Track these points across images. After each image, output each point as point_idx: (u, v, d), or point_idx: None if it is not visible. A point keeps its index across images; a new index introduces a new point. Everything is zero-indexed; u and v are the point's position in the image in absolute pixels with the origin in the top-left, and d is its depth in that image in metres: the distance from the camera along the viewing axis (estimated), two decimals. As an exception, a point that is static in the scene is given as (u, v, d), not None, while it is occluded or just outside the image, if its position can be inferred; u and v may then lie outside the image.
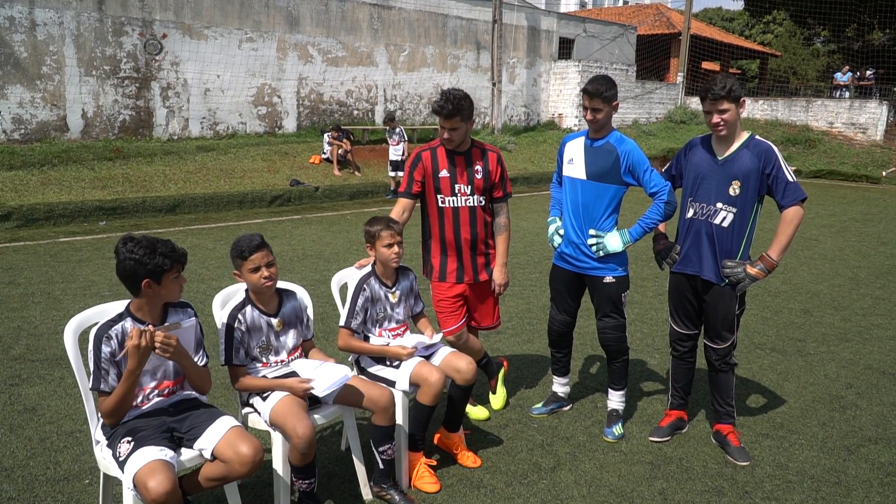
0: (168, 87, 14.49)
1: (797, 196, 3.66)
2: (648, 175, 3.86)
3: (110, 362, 2.66)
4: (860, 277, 8.33)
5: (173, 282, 2.77)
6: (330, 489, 3.45)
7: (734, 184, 3.71)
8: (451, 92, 3.77)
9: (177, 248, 2.76)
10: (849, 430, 4.24)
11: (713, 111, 3.63)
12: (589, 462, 3.78)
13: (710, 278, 3.81)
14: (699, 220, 3.81)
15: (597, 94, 3.79)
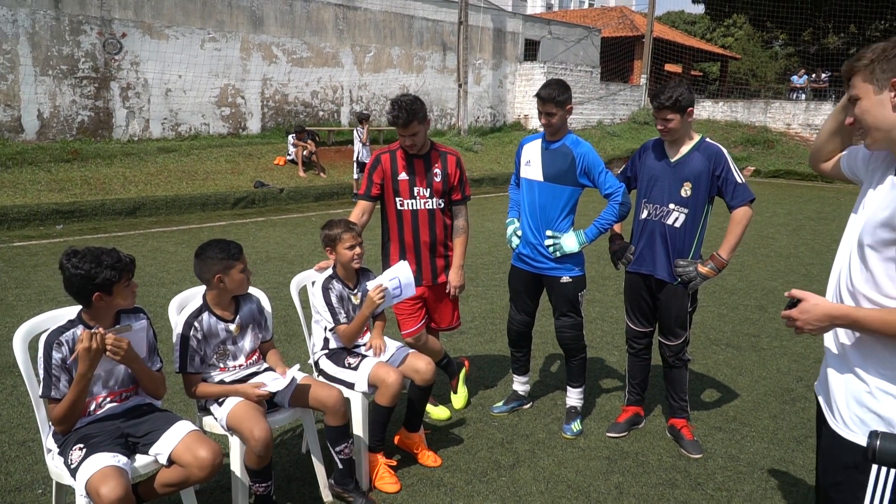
0: (128, 87, 14.27)
1: (746, 197, 3.76)
2: (603, 177, 3.93)
3: (61, 369, 2.64)
4: (813, 274, 8.55)
5: (124, 290, 2.74)
6: (290, 492, 3.46)
7: (685, 185, 3.80)
8: (400, 100, 3.79)
9: (123, 258, 2.73)
10: (798, 422, 4.36)
11: (659, 118, 3.75)
12: (547, 458, 3.84)
13: (663, 277, 3.90)
14: (653, 220, 3.90)
15: (549, 99, 3.86)
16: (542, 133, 4.07)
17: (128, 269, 2.74)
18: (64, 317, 2.78)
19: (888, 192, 1.93)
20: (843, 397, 2.03)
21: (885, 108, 1.89)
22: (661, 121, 3.74)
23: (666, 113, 3.70)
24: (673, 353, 4.02)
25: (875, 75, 1.90)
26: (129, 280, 2.76)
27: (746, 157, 22.49)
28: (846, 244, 2.07)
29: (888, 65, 1.87)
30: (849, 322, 1.93)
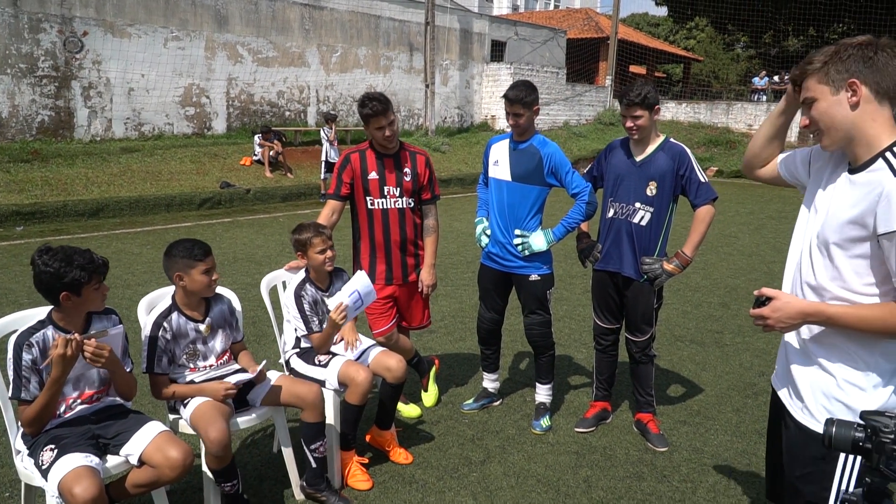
0: (90, 86, 14.03)
1: (709, 196, 3.86)
2: (570, 176, 4.00)
3: (31, 370, 2.61)
4: (774, 272, 8.75)
5: (94, 293, 2.72)
6: (262, 491, 3.46)
7: (651, 184, 3.87)
8: (371, 94, 3.84)
9: (96, 259, 2.70)
10: (760, 415, 4.48)
11: (628, 116, 3.80)
12: (517, 454, 3.90)
13: (630, 275, 3.97)
14: (619, 219, 3.97)
15: (517, 100, 3.91)
16: (510, 133, 4.13)
17: (99, 271, 2.71)
18: (33, 317, 2.75)
19: (848, 190, 1.97)
20: (810, 390, 2.08)
21: (843, 107, 1.93)
22: (630, 118, 3.79)
23: (635, 110, 3.76)
24: (640, 349, 4.10)
25: (830, 76, 1.94)
26: (100, 282, 2.74)
27: (709, 157, 22.88)
28: (801, 241, 2.12)
29: (843, 65, 1.91)
30: (822, 319, 1.96)
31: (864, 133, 1.93)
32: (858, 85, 1.90)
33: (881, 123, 1.92)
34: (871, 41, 1.91)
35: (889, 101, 1.92)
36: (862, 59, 1.89)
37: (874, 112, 1.91)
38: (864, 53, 1.90)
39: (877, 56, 1.89)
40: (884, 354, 1.98)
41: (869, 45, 1.90)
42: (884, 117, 1.92)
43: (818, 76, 1.96)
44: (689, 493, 3.54)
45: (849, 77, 1.91)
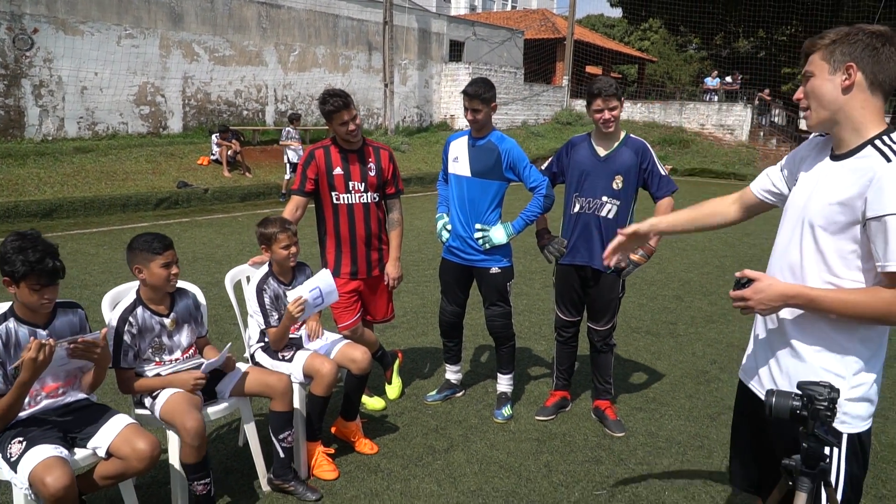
0: (41, 84, 13.72)
1: (670, 188, 4.02)
2: (528, 171, 4.11)
3: None
4: (726, 265, 9.04)
5: (30, 293, 2.63)
6: (228, 484, 3.50)
7: (617, 178, 3.99)
8: (332, 90, 3.90)
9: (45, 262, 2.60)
10: (712, 401, 4.66)
11: (605, 108, 3.88)
12: (480, 442, 4.00)
13: (599, 267, 4.05)
14: (587, 213, 4.05)
15: (476, 96, 4.00)
16: (468, 131, 4.22)
17: (39, 273, 2.60)
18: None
19: (834, 175, 1.98)
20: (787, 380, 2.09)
21: (836, 88, 1.94)
22: (607, 110, 3.88)
23: (613, 101, 3.87)
24: (601, 338, 4.23)
25: (833, 56, 1.94)
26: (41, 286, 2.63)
27: (664, 156, 23.33)
28: (789, 224, 2.12)
29: (847, 48, 1.92)
30: (805, 301, 1.95)
31: (850, 118, 1.95)
32: (855, 70, 1.91)
33: (870, 112, 1.94)
34: (885, 32, 1.91)
35: (882, 93, 1.94)
36: (868, 46, 1.90)
37: (865, 100, 1.93)
38: (872, 42, 1.90)
39: (883, 48, 1.89)
40: (863, 341, 1.98)
41: (880, 35, 1.91)
42: (873, 107, 1.94)
43: (823, 52, 1.97)
44: (645, 475, 3.68)
45: (848, 60, 1.92)
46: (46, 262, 2.62)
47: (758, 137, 24.93)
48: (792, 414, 1.83)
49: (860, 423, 2.01)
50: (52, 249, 2.67)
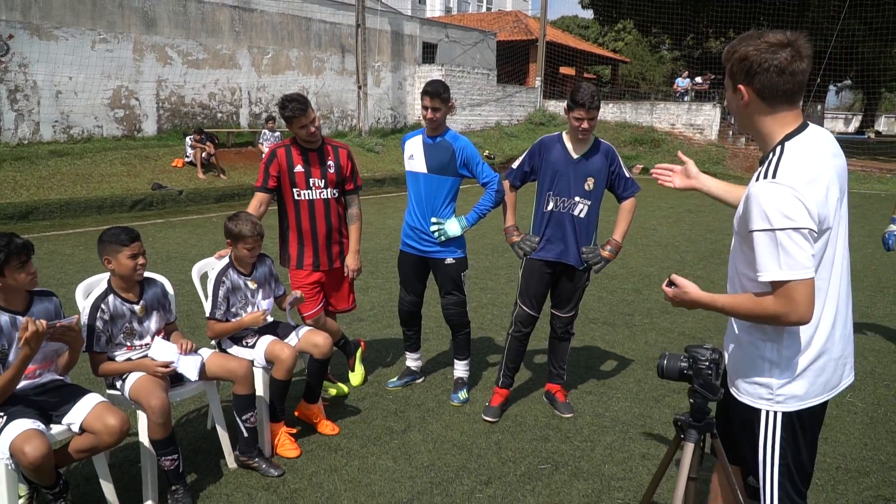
0: (16, 89, 13.79)
1: (635, 189, 4.28)
2: (480, 167, 4.38)
3: None
4: (686, 260, 9.37)
5: (17, 273, 2.89)
6: (197, 463, 3.72)
7: (589, 180, 4.16)
8: (289, 96, 4.13)
9: (14, 241, 2.87)
10: (658, 385, 4.96)
11: (586, 118, 3.99)
12: (436, 423, 4.26)
13: (573, 263, 4.23)
14: (561, 212, 4.19)
15: (436, 94, 4.25)
16: (422, 129, 4.48)
17: (16, 251, 2.87)
18: (-26, 300, 2.96)
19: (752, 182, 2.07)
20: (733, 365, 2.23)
21: (738, 104, 2.10)
22: (587, 120, 4.00)
23: (594, 113, 3.99)
24: (563, 325, 4.45)
25: (733, 76, 2.07)
26: (23, 263, 2.91)
27: (635, 155, 23.78)
28: None
29: (739, 68, 2.03)
30: (712, 308, 2.13)
31: (757, 129, 2.10)
32: (744, 90, 2.05)
33: (770, 121, 2.06)
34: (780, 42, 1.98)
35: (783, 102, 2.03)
36: (755, 65, 1.99)
37: (763, 113, 2.06)
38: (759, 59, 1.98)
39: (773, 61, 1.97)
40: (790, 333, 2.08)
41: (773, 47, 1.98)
42: (774, 118, 2.05)
43: (728, 70, 2.10)
44: (588, 451, 3.96)
45: (739, 82, 2.06)
46: (14, 240, 2.88)
47: (727, 136, 25.47)
48: (680, 374, 2.11)
49: (795, 403, 2.11)
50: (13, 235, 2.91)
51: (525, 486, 3.56)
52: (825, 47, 23.09)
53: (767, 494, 2.16)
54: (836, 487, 3.60)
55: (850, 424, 4.34)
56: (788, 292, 1.92)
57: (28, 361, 2.83)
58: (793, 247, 1.90)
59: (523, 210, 4.55)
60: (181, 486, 3.26)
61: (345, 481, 3.56)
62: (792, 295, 1.92)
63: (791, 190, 1.92)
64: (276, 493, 3.44)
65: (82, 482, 3.47)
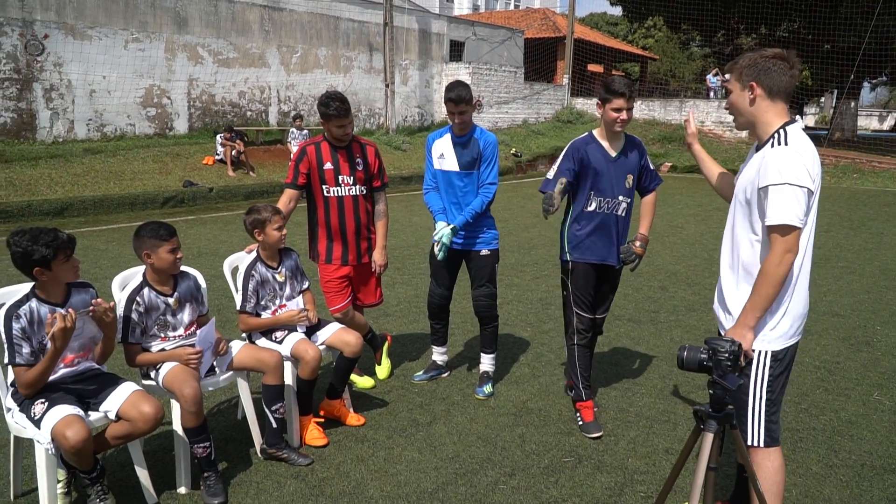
0: (51, 88, 14.13)
1: (658, 181, 4.29)
2: (492, 168, 4.49)
3: (21, 338, 2.95)
4: (714, 258, 9.31)
5: (63, 266, 3.04)
6: (227, 451, 3.83)
7: (629, 177, 4.11)
8: (334, 94, 4.20)
9: (60, 236, 3.01)
10: (683, 381, 4.96)
11: (624, 108, 3.92)
12: (461, 416, 4.32)
13: (613, 263, 4.17)
14: (605, 212, 4.10)
15: (460, 100, 4.31)
16: (448, 128, 4.54)
17: (63, 246, 3.02)
18: (18, 292, 3.08)
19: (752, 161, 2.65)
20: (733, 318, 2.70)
21: (745, 100, 2.64)
22: (626, 111, 3.92)
23: (632, 102, 3.95)
24: (598, 326, 4.44)
25: (742, 76, 2.63)
26: (68, 257, 3.06)
27: (664, 153, 23.59)
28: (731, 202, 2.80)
29: (749, 71, 2.60)
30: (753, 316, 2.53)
31: (760, 120, 2.63)
32: (755, 86, 2.60)
33: (772, 113, 2.61)
34: (777, 54, 2.57)
35: (781, 98, 2.60)
36: (763, 68, 2.57)
37: (767, 105, 2.62)
38: (766, 64, 2.57)
39: (775, 67, 2.56)
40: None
41: (773, 57, 2.57)
42: (775, 109, 2.61)
43: (735, 74, 2.66)
44: (612, 445, 3.99)
45: (750, 80, 2.60)
46: (60, 235, 3.02)
47: (756, 134, 25.14)
48: (699, 365, 2.14)
49: (781, 342, 2.62)
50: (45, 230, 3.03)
51: (548, 479, 3.60)
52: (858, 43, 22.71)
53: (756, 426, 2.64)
54: (861, 484, 3.59)
55: (876, 423, 4.31)
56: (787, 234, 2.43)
57: (58, 355, 2.93)
58: (796, 200, 2.42)
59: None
60: (213, 474, 3.36)
61: (371, 471, 3.64)
62: (789, 237, 2.43)
63: (799, 156, 2.46)
64: (304, 481, 3.53)
65: (118, 468, 3.59)
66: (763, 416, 2.63)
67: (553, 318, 6.41)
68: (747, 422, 2.64)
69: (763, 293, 2.49)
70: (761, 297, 2.49)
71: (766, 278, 2.48)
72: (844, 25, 24.70)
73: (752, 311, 2.51)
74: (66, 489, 3.16)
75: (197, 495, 3.37)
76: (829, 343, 5.82)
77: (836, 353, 5.57)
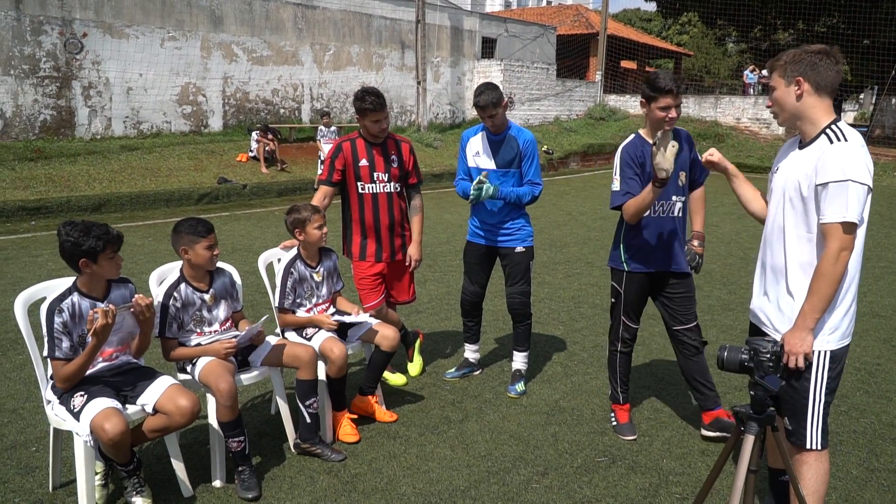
0: (90, 86, 14.40)
1: (706, 172, 3.89)
2: (535, 167, 4.46)
3: (62, 332, 3.00)
4: (750, 257, 9.15)
5: (108, 261, 3.11)
6: (261, 446, 3.86)
7: (681, 175, 3.84)
8: (369, 89, 4.21)
9: (111, 231, 3.10)
10: (719, 382, 4.86)
11: (673, 105, 3.64)
12: (493, 414, 4.30)
13: (678, 269, 3.91)
14: (662, 217, 3.85)
15: (487, 105, 4.26)
16: (483, 126, 4.51)
17: (113, 241, 3.10)
18: (60, 286, 3.14)
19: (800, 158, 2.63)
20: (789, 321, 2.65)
21: (791, 96, 2.62)
22: (675, 107, 3.65)
23: (680, 98, 3.68)
24: (696, 337, 4.02)
25: (787, 73, 2.61)
26: (115, 252, 3.13)
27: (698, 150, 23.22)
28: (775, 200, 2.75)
29: (795, 66, 2.58)
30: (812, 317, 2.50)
31: (807, 116, 2.62)
32: (803, 82, 2.58)
33: (819, 109, 2.60)
34: (824, 50, 2.55)
35: (827, 94, 2.59)
36: (809, 63, 2.55)
37: (814, 101, 2.60)
38: (812, 59, 2.55)
39: (821, 62, 2.54)
40: None
41: (819, 52, 2.55)
42: (822, 105, 2.60)
43: (780, 71, 2.64)
44: (646, 445, 3.94)
45: (797, 75, 2.58)
46: (111, 230, 3.10)
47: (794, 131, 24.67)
48: (740, 365, 2.10)
49: (837, 341, 2.61)
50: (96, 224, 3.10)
51: (582, 478, 3.57)
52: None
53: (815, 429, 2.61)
54: (905, 490, 3.50)
55: (921, 427, 4.20)
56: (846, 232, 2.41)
57: (97, 349, 2.98)
58: (857, 197, 2.42)
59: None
60: (247, 467, 3.39)
61: (403, 468, 3.64)
62: (847, 235, 2.42)
63: (862, 152, 2.47)
64: (337, 476, 3.54)
65: (154, 461, 3.64)
66: (822, 418, 2.61)
67: (585, 316, 6.36)
68: (807, 425, 2.61)
69: (822, 293, 2.47)
70: (820, 297, 2.47)
71: (823, 278, 2.47)
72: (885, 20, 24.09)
73: (812, 313, 2.49)
74: (103, 481, 3.22)
75: (231, 489, 3.40)
76: (869, 344, 5.69)
77: (877, 355, 5.44)
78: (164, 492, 3.35)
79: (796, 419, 2.62)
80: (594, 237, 10.32)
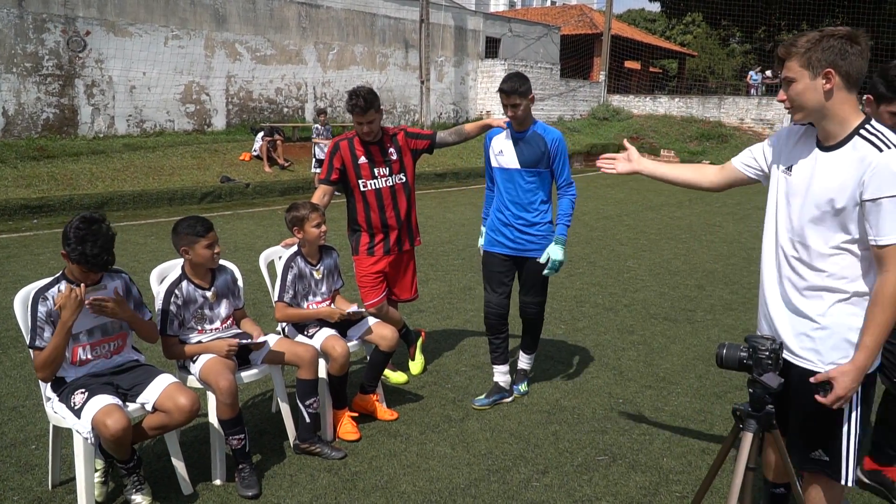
0: (93, 84, 14.42)
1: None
2: (565, 166, 4.28)
3: (45, 322, 3.00)
4: (752, 257, 9.13)
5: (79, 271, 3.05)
6: (262, 444, 3.86)
7: None
8: (358, 90, 4.20)
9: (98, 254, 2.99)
10: (720, 381, 4.87)
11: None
12: (494, 413, 4.29)
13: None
14: None
15: (513, 91, 4.09)
16: (508, 125, 4.31)
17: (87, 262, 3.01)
18: (51, 278, 3.15)
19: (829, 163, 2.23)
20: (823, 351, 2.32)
21: (818, 91, 2.17)
22: None
23: None
24: None
25: (811, 62, 2.15)
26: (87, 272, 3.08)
27: (702, 150, 23.25)
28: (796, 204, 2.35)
29: (823, 54, 2.13)
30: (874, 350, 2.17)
31: (835, 114, 2.18)
32: (833, 74, 2.14)
33: (849, 106, 2.18)
34: (851, 34, 2.13)
35: (856, 87, 2.18)
36: (840, 51, 2.11)
37: (844, 97, 2.17)
38: (843, 46, 2.11)
39: (852, 49, 2.12)
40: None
41: (848, 37, 2.12)
42: (851, 101, 2.19)
43: (800, 59, 2.17)
44: (647, 444, 3.94)
45: (826, 66, 2.13)
46: (100, 257, 3.01)
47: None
48: (739, 363, 2.09)
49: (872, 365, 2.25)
50: (109, 244, 3.05)
51: (582, 477, 3.56)
52: (906, 38, 22.06)
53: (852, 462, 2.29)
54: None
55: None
56: None
57: (66, 327, 2.93)
58: None
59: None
60: (247, 465, 3.38)
61: (403, 466, 3.64)
62: None
63: None
64: (337, 474, 3.54)
65: (154, 459, 3.64)
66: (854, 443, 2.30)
67: (587, 315, 6.35)
68: (841, 458, 2.30)
69: (882, 322, 2.14)
70: (881, 326, 2.15)
71: (881, 305, 2.13)
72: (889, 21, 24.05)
73: (877, 348, 2.17)
74: (103, 479, 3.22)
75: (231, 487, 3.40)
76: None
77: None
78: (163, 489, 3.35)
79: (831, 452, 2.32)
80: (596, 237, 10.31)
